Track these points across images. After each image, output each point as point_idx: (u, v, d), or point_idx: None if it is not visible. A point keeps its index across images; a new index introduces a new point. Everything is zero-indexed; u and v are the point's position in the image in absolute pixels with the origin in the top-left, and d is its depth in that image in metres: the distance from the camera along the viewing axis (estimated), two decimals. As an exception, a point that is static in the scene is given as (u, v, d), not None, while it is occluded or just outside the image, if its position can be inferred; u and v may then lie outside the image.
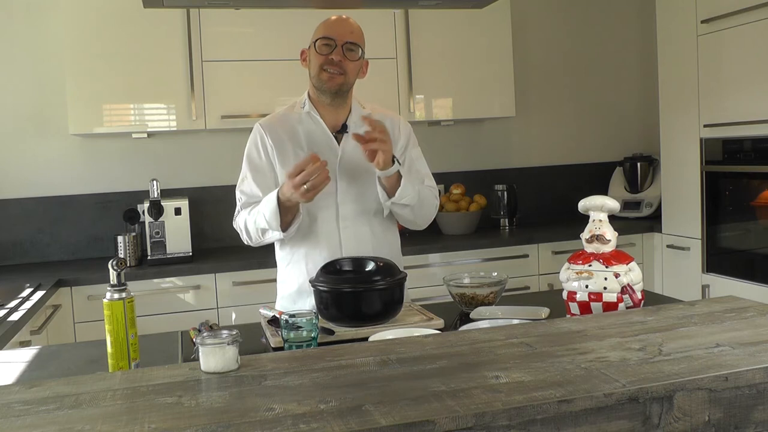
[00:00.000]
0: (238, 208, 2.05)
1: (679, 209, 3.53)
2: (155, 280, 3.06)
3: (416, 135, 2.16)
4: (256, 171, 2.02)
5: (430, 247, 3.38)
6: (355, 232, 2.00)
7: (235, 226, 2.06)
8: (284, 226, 1.91)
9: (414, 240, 3.35)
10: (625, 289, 1.57)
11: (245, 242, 2.06)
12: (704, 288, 3.36)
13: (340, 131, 2.02)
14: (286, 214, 1.89)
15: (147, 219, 3.27)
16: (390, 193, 1.96)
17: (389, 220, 2.08)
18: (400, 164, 1.94)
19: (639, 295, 1.59)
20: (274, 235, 1.96)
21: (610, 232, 1.61)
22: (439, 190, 3.93)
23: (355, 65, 1.97)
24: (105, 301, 1.42)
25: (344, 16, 2.00)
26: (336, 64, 1.93)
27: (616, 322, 1.39)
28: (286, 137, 2.01)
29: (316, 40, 1.95)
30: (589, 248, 1.62)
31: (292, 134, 2.02)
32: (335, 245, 1.99)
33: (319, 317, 1.63)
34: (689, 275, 3.47)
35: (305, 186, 1.78)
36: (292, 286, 2.06)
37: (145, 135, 3.33)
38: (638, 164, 3.99)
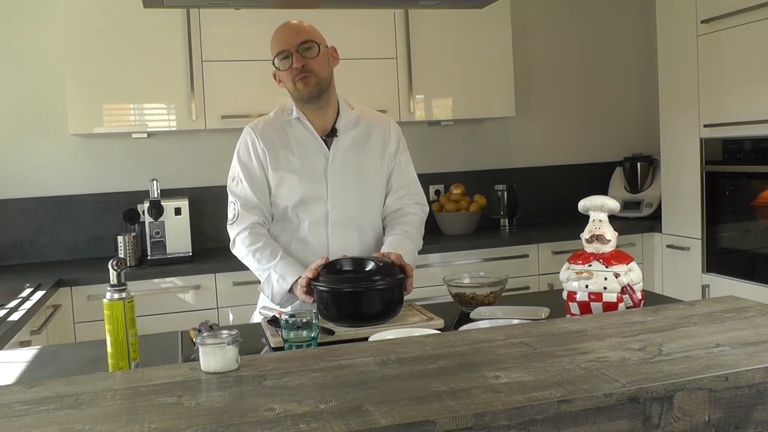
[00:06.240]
0: (236, 210, 2.00)
1: (679, 209, 3.53)
2: (155, 280, 3.06)
3: (416, 135, 2.16)
4: (250, 175, 2.00)
5: (430, 247, 3.38)
6: (343, 237, 2.00)
7: (229, 229, 2.02)
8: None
9: (414, 240, 3.35)
10: (625, 289, 1.57)
11: (231, 249, 2.03)
12: (704, 288, 3.36)
13: (329, 135, 2.01)
14: (291, 298, 1.93)
15: (147, 219, 3.27)
16: None
17: (378, 227, 2.09)
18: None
19: (639, 295, 1.59)
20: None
21: (610, 232, 1.61)
22: (439, 190, 3.94)
23: (318, 60, 1.93)
24: (105, 301, 1.42)
25: (291, 22, 1.97)
26: (301, 70, 1.91)
27: (616, 322, 1.39)
28: (277, 141, 2.00)
29: (274, 60, 1.95)
30: (589, 248, 1.62)
31: (283, 139, 2.00)
32: (323, 249, 1.98)
33: (319, 317, 1.63)
34: (689, 275, 3.47)
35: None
36: None
37: (145, 135, 3.33)
38: (638, 164, 3.99)
